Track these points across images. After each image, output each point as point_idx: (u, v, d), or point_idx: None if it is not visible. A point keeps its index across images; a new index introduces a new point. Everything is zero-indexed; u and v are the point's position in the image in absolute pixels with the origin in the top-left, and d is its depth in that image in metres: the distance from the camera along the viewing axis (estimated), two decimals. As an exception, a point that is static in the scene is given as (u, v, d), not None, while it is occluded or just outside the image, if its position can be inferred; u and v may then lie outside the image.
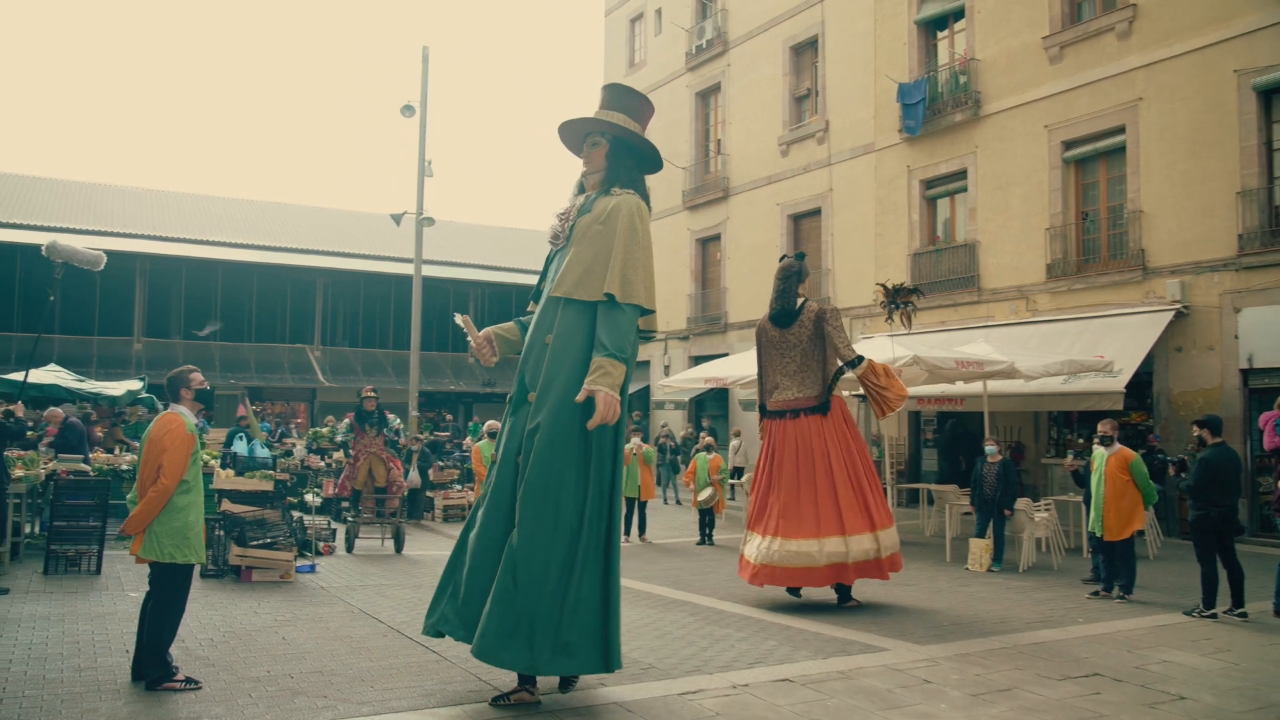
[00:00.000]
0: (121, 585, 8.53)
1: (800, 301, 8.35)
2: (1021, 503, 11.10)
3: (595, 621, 4.95)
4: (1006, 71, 17.02)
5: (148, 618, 5.25)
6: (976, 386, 13.85)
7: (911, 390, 15.85)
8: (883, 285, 12.08)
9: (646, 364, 26.58)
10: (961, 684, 5.73)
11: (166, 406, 5.51)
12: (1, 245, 27.65)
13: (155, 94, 79.98)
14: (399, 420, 12.54)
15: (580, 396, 4.79)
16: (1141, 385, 14.67)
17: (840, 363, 8.02)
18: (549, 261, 5.53)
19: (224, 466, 11.95)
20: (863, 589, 8.90)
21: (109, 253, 32.00)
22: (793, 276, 8.36)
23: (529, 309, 5.64)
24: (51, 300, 8.86)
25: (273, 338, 32.67)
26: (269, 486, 10.20)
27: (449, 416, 28.96)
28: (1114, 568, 8.93)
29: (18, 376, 16.66)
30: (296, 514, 14.93)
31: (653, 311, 5.20)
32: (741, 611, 8.09)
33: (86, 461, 11.70)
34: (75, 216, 31.02)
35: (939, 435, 18.34)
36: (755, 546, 8.27)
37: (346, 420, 12.03)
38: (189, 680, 5.22)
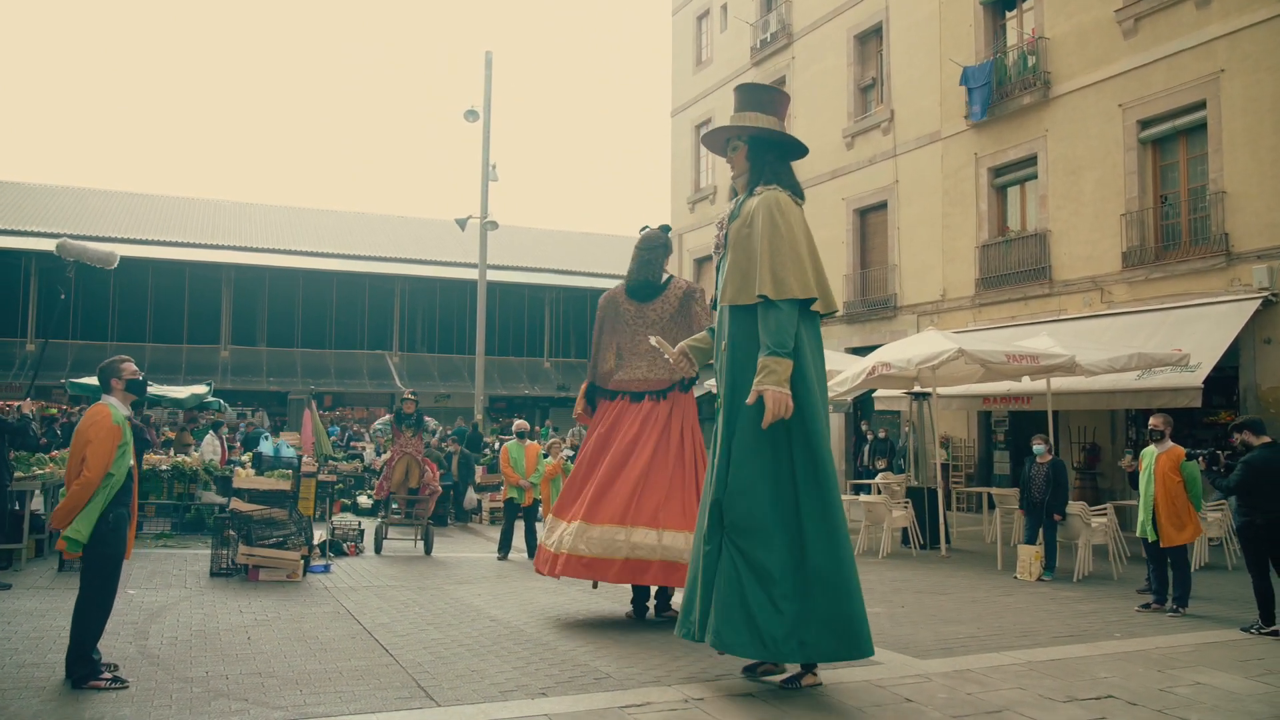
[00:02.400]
0: (126, 583, 8.52)
1: (666, 277, 7.59)
2: (1076, 507, 10.25)
3: (840, 608, 5.00)
4: (1077, 49, 15.96)
5: (73, 615, 5.13)
6: (1044, 384, 12.97)
7: (975, 389, 15.06)
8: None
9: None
10: (947, 704, 5.15)
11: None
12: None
13: (227, 106, 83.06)
14: (437, 424, 12.46)
15: (750, 399, 4.98)
16: (1227, 381, 13.51)
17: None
18: (719, 270, 5.66)
19: (250, 465, 12.03)
20: (885, 599, 8.28)
21: (198, 264, 33.24)
22: (659, 248, 7.58)
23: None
24: (63, 298, 9.02)
25: (352, 344, 33.37)
26: (286, 486, 10.15)
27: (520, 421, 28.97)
28: (1166, 577, 8.10)
29: (91, 380, 17.33)
30: (350, 515, 15.05)
31: (815, 299, 5.20)
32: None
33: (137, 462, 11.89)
34: (167, 229, 32.26)
35: (1010, 436, 17.34)
36: (558, 534, 7.30)
37: (386, 419, 12.01)
38: (115, 679, 5.07)
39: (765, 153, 5.44)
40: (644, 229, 7.80)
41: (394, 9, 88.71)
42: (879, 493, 15.50)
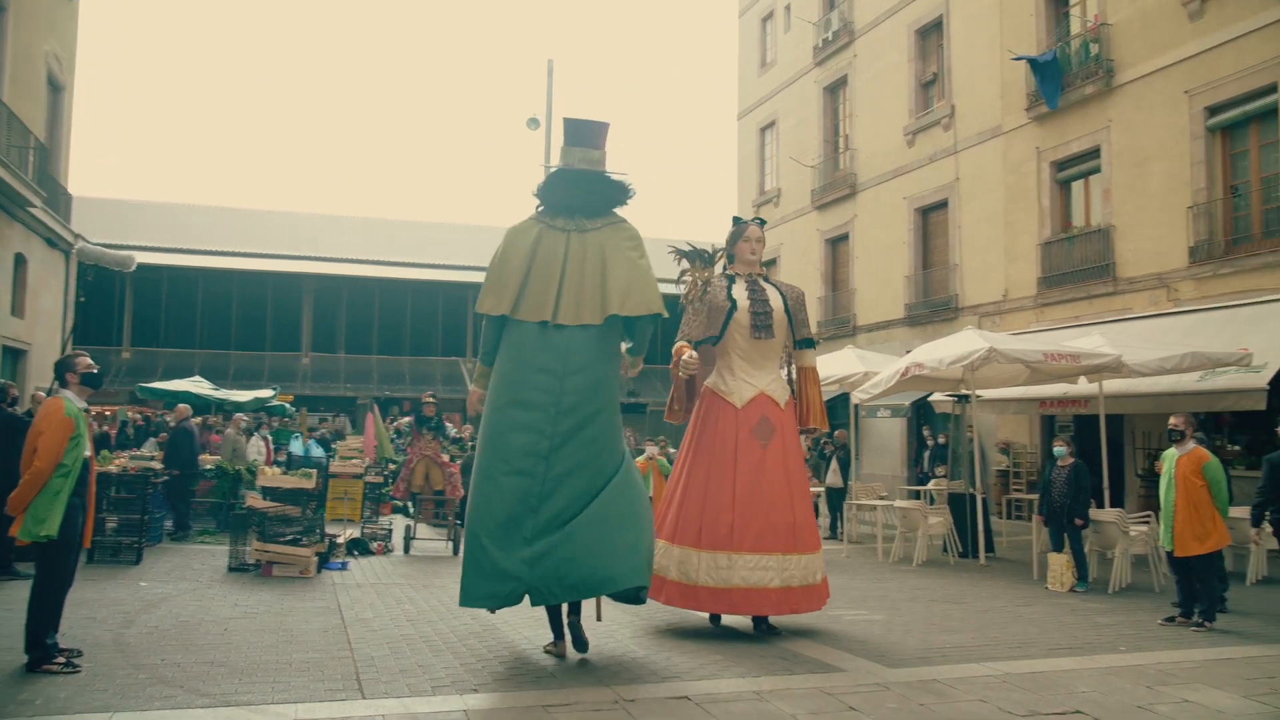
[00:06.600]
0: (141, 575, 8.82)
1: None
2: (1113, 514, 9.70)
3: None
4: (1141, 34, 15.19)
5: (28, 602, 5.30)
6: (1108, 386, 12.28)
7: (1030, 391, 14.39)
8: None
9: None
10: (893, 715, 4.89)
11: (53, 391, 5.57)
12: (217, 271, 30.32)
13: (300, 120, 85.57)
14: (453, 428, 12.58)
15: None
16: (1300, 382, 12.59)
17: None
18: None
19: (276, 464, 12.32)
20: (893, 607, 7.94)
21: (280, 274, 34.13)
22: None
23: None
24: (81, 300, 9.38)
25: (427, 351, 34.05)
26: (309, 484, 10.35)
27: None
28: (1191, 589, 7.57)
29: (164, 385, 18.10)
30: (400, 516, 15.29)
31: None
32: (741, 623, 7.28)
33: (195, 464, 12.23)
34: (250, 241, 33.48)
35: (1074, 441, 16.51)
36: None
37: (406, 421, 12.17)
38: (69, 664, 5.23)
39: None
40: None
41: (459, 22, 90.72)
42: (930, 500, 15.01)
